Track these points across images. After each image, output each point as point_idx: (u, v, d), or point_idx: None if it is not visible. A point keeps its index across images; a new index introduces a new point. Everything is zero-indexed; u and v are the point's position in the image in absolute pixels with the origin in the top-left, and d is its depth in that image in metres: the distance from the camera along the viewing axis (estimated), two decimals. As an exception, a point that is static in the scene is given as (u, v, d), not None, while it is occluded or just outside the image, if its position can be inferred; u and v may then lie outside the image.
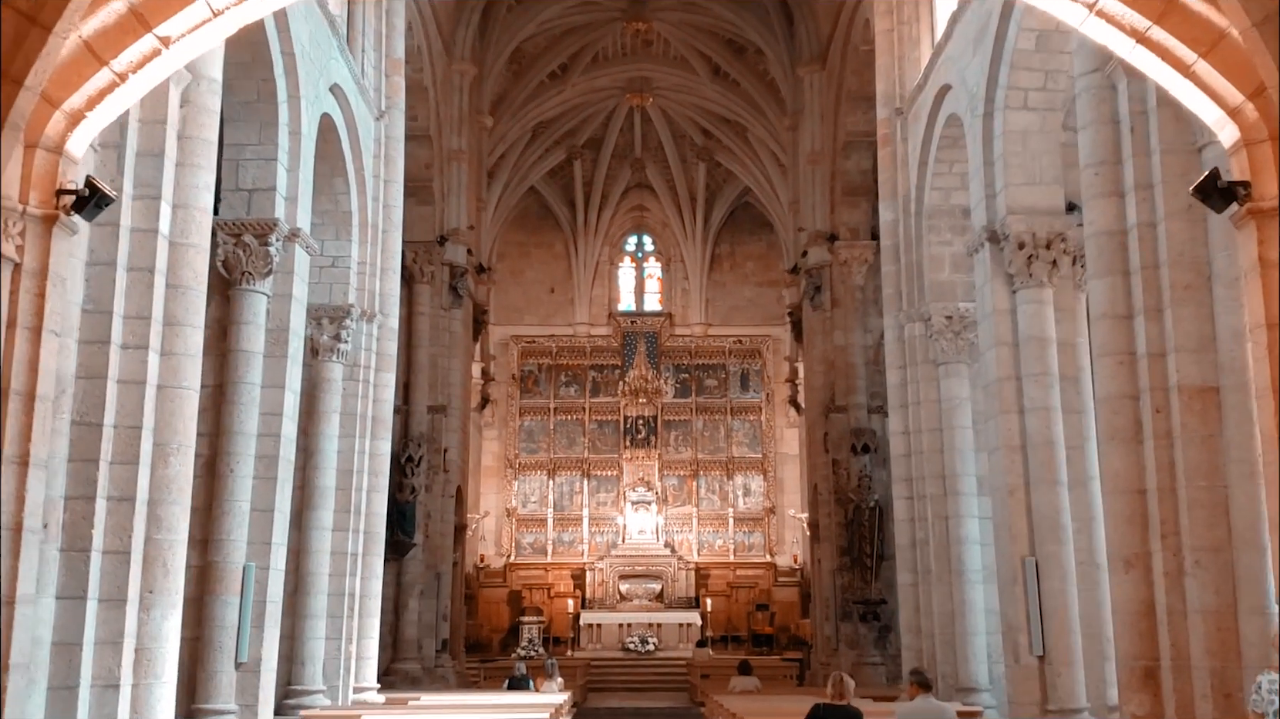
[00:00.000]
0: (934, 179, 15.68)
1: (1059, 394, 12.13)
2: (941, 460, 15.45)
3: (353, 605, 15.26)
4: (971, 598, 14.99)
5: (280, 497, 12.20)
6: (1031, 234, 12.27)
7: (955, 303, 15.57)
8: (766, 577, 33.92)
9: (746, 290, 36.48)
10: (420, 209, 22.81)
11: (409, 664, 21.55)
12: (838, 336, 22.86)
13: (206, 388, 12.13)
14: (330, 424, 15.30)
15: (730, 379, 35.47)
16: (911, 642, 15.68)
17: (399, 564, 21.76)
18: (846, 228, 22.98)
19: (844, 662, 21.92)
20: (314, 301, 15.45)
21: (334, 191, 15.53)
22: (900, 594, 15.96)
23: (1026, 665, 11.92)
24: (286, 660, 14.66)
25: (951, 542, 15.19)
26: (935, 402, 15.63)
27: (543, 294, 36.54)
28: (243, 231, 12.14)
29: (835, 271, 23.01)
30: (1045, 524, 11.93)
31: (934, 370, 15.73)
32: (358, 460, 15.49)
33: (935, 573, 15.29)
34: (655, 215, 36.63)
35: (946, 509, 15.30)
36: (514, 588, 33.66)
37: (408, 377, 22.42)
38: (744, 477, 34.90)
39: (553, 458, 34.92)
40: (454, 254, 23.31)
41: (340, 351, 15.45)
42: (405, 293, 22.49)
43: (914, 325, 15.94)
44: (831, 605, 22.38)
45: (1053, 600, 11.79)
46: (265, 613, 11.93)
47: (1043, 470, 11.99)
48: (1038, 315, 12.25)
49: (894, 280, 16.37)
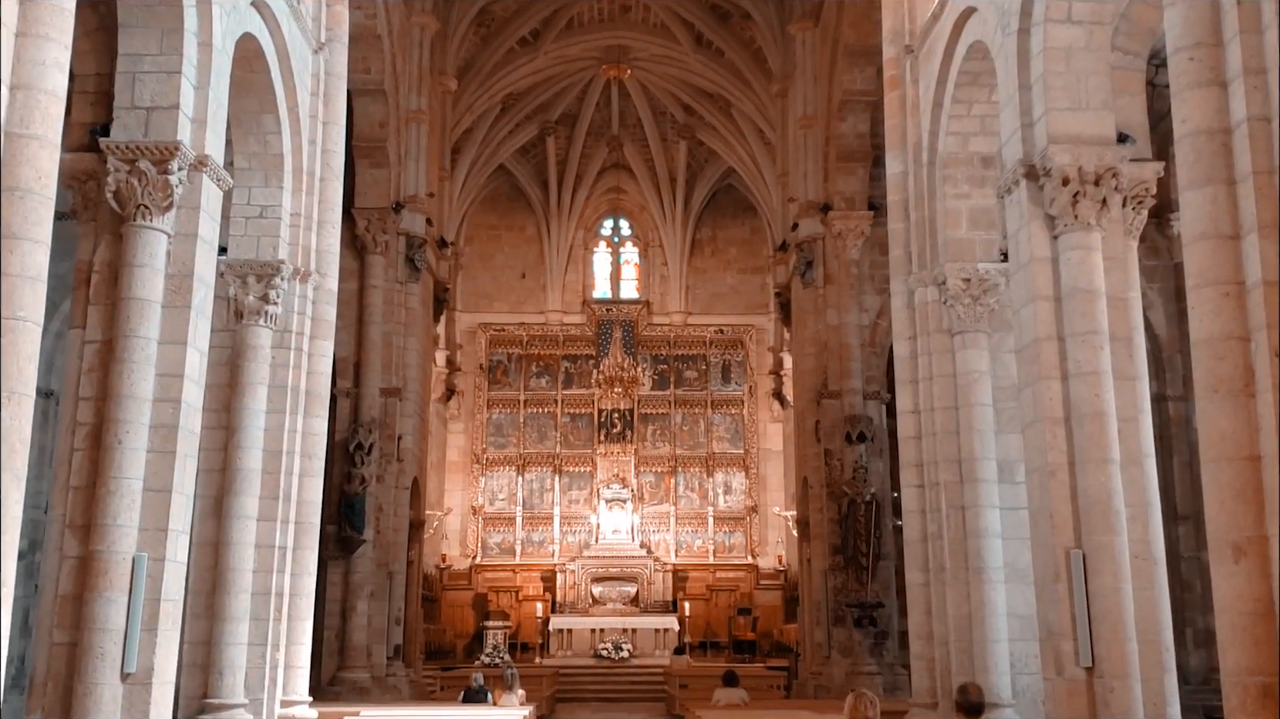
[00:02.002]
0: (949, 123, 13.79)
1: (1109, 356, 10.22)
2: (957, 443, 13.53)
3: (281, 606, 13.22)
4: (992, 599, 13.07)
5: (181, 474, 10.15)
6: (1078, 168, 10.36)
7: (974, 263, 13.69)
8: (748, 579, 32.10)
9: (729, 277, 34.62)
10: (374, 172, 20.86)
11: (357, 673, 19.54)
12: (831, 315, 20.98)
13: (93, 343, 10.18)
14: (256, 398, 13.26)
15: (711, 371, 33.63)
16: (922, 649, 13.72)
17: (347, 562, 19.81)
18: (842, 197, 21.09)
19: (836, 670, 20.01)
20: (238, 256, 13.51)
21: (262, 131, 13.52)
22: (909, 595, 14.01)
23: (1072, 679, 9.98)
24: (201, 670, 12.70)
25: (969, 535, 13.27)
26: (950, 376, 13.71)
27: (513, 280, 34.58)
28: (138, 157, 10.11)
29: (829, 245, 21.12)
30: (1094, 510, 10.00)
31: (948, 341, 13.81)
32: (288, 440, 13.45)
33: (950, 571, 13.36)
34: (633, 198, 34.71)
35: (963, 498, 13.38)
36: (480, 591, 31.74)
37: (358, 355, 20.48)
38: (725, 473, 33.10)
39: (522, 453, 33.01)
40: (411, 223, 21.31)
41: (268, 315, 13.42)
42: (357, 265, 20.63)
43: (926, 290, 14.02)
44: (823, 609, 20.49)
45: (1103, 601, 9.86)
46: (160, 614, 9.87)
47: (1091, 446, 10.06)
48: (1084, 263, 10.34)
49: (902, 240, 14.45)
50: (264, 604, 13.08)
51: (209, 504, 13.06)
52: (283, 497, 13.35)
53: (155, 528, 9.95)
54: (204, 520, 13.06)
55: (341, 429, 20.18)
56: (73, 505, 9.75)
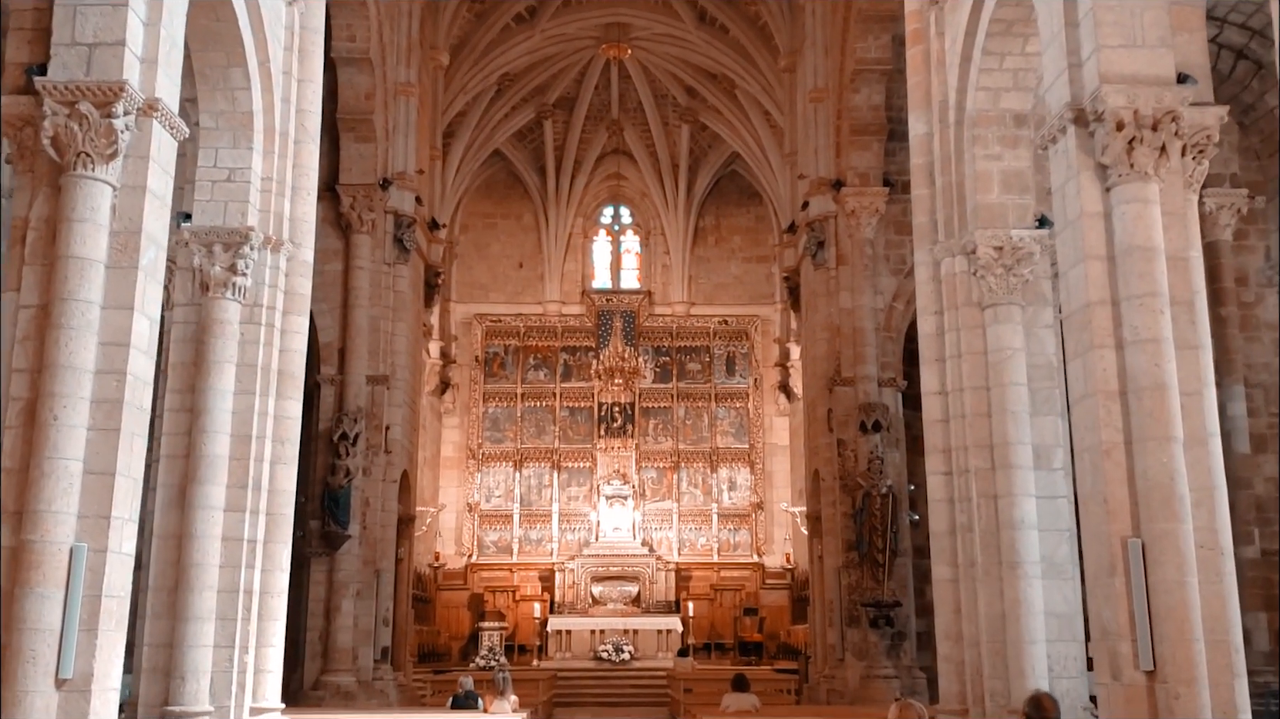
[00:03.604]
0: (979, 78, 12.64)
1: (1170, 322, 9.09)
2: (988, 426, 12.37)
3: (250, 605, 12.06)
4: (1028, 596, 11.92)
5: (126, 455, 9.00)
6: (1133, 111, 9.22)
7: (1006, 230, 12.53)
8: (754, 578, 30.99)
9: (733, 267, 33.49)
10: (360, 147, 19.73)
11: (342, 677, 18.40)
12: (844, 298, 19.81)
13: (29, 308, 9.05)
14: (223, 377, 12.13)
15: (714, 363, 32.51)
16: (950, 651, 12.55)
17: (331, 559, 18.69)
18: (855, 173, 19.93)
19: (850, 674, 18.89)
20: (203, 224, 12.38)
21: (230, 87, 12.38)
22: (935, 593, 12.83)
23: (1130, 683, 8.84)
24: (162, 674, 11.61)
25: (1002, 526, 12.12)
26: (980, 354, 12.55)
27: (510, 269, 33.45)
28: (78, 98, 8.99)
29: (841, 223, 19.96)
30: (1155, 495, 8.87)
31: (978, 315, 12.65)
32: (258, 424, 12.30)
33: (981, 565, 12.20)
34: (633, 184, 33.55)
35: (995, 486, 12.23)
36: (475, 591, 30.65)
37: (343, 341, 19.34)
38: (729, 469, 31.99)
39: (520, 448, 31.92)
40: (400, 201, 20.13)
41: (237, 287, 12.29)
42: (342, 245, 19.57)
43: (953, 260, 12.86)
44: (836, 609, 19.33)
45: (1166, 597, 8.73)
46: (101, 612, 8.74)
47: (1151, 423, 8.92)
48: (1142, 218, 9.20)
49: (927, 206, 13.28)
50: (231, 603, 11.95)
51: (172, 493, 11.98)
52: (252, 485, 12.20)
53: (97, 515, 8.82)
54: (166, 511, 11.98)
55: (325, 419, 19.04)
56: (5, 489, 8.62)
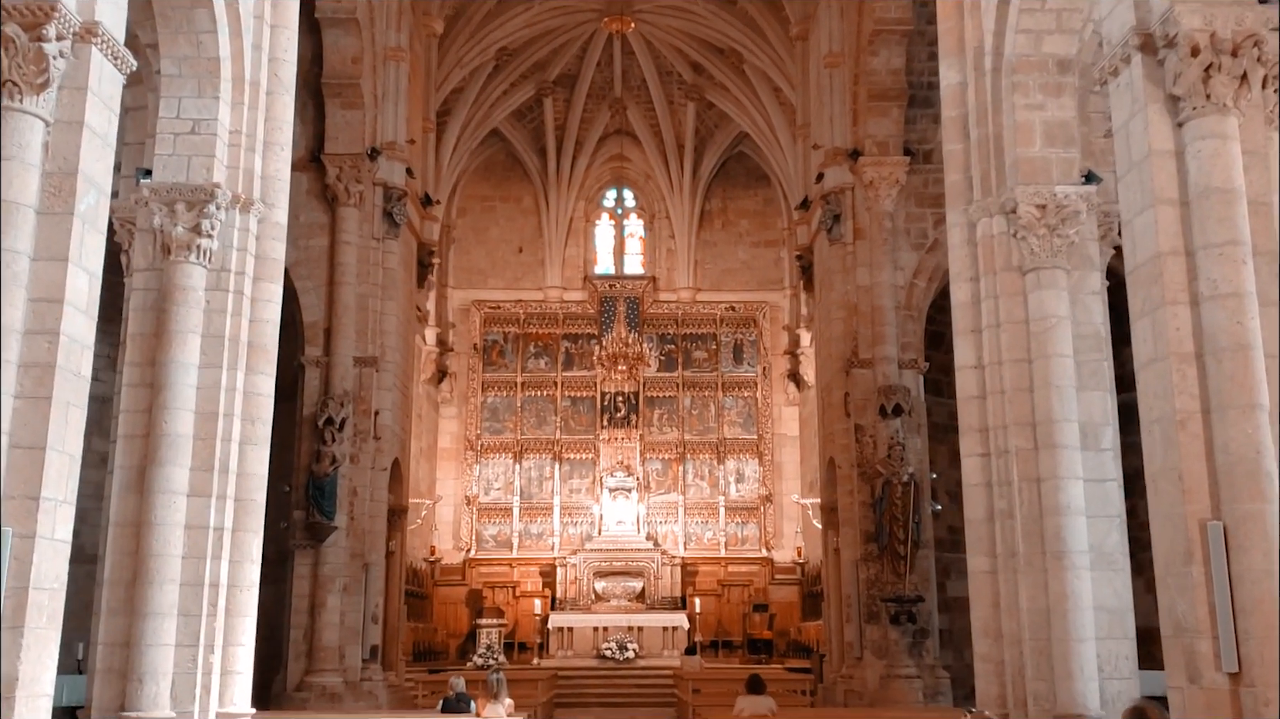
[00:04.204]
0: (1019, 20, 11.49)
1: (1253, 274, 7.94)
2: (1030, 402, 11.24)
3: (216, 599, 10.97)
4: (1075, 589, 10.80)
5: (60, 428, 7.88)
6: (1210, 34, 8.07)
7: (1050, 186, 11.40)
8: (762, 574, 29.83)
9: (740, 251, 32.27)
10: (346, 114, 18.61)
11: (327, 677, 17.29)
12: (862, 275, 18.66)
13: (-51, 260, 7.94)
14: (186, 349, 11.04)
15: (722, 351, 31.31)
16: (989, 650, 11.39)
17: (316, 552, 17.60)
18: (873, 141, 18.76)
19: (869, 673, 17.75)
20: (165, 180, 11.29)
21: (194, 30, 11.28)
22: (972, 586, 11.68)
23: (1211, 687, 7.70)
24: (119, 676, 10.60)
25: (1046, 513, 10.99)
26: (1021, 323, 11.40)
27: (509, 254, 32.26)
28: (3, 18, 7.86)
29: (859, 195, 18.80)
30: (1238, 471, 7.72)
31: (1019, 280, 11.50)
32: (225, 400, 11.19)
33: (1023, 556, 11.06)
34: (637, 166, 32.36)
35: (1038, 468, 11.10)
36: (474, 586, 29.51)
37: (329, 321, 18.24)
38: (737, 461, 30.79)
39: (519, 439, 30.72)
40: (389, 173, 18.98)
41: (202, 250, 11.19)
42: (328, 218, 18.50)
43: (990, 221, 11.70)
44: (854, 604, 18.17)
45: (1253, 588, 7.58)
46: (29, 606, 7.62)
47: (1233, 389, 7.78)
48: (1220, 156, 8.05)
49: (961, 163, 12.12)
50: (195, 597, 10.87)
51: (130, 476, 10.92)
52: (219, 468, 11.10)
53: (24, 496, 7.70)
54: (123, 495, 10.91)
55: (310, 403, 17.92)
56: (-86, 468, 7.52)
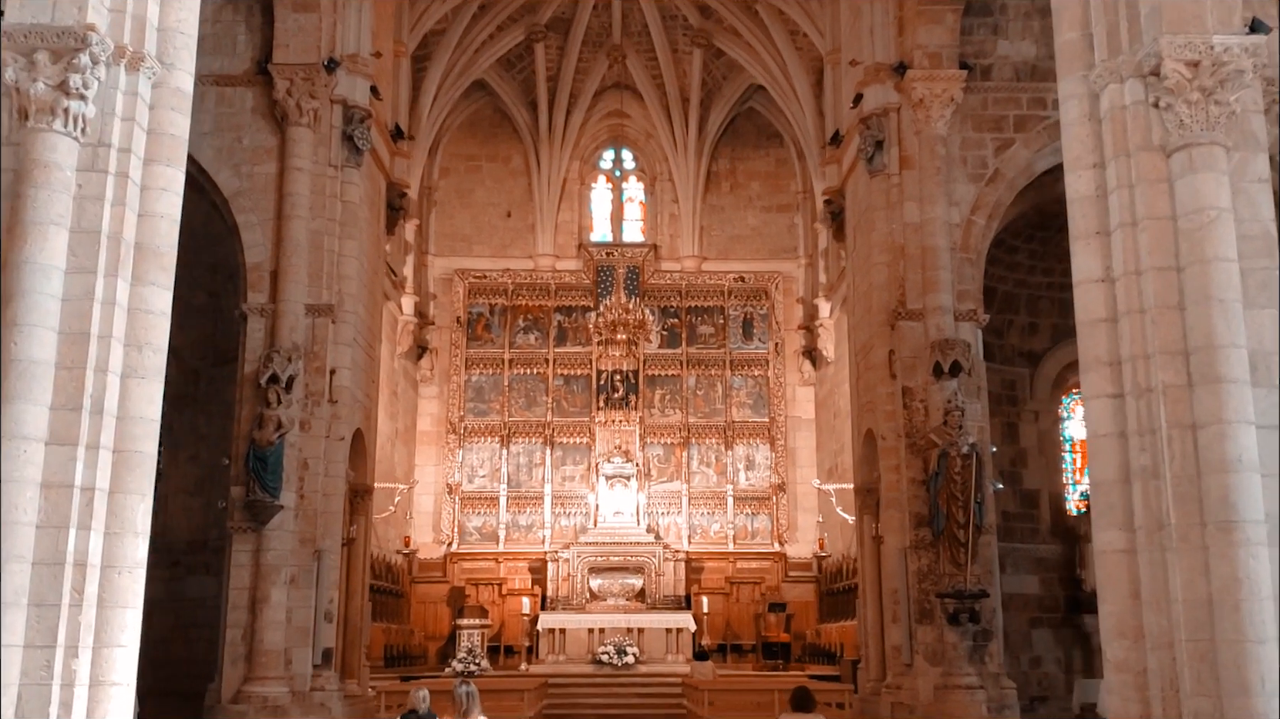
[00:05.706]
0: None
1: None
2: (1182, 324, 8.41)
3: (83, 584, 8.06)
4: (1250, 572, 7.98)
5: None
6: None
7: (1205, 36, 8.57)
8: (775, 570, 27.03)
9: (750, 217, 29.41)
10: (299, 18, 15.82)
11: (270, 686, 14.40)
12: (910, 210, 15.79)
13: None
14: (47, 246, 8.16)
15: (730, 325, 28.46)
16: (1126, 655, 8.51)
17: (258, 536, 14.78)
18: (924, 53, 15.87)
19: (922, 683, 14.91)
20: (22, 21, 8.45)
21: None
22: (1100, 571, 8.79)
23: None
24: (-58, 690, 7.62)
25: (1205, 470, 8.16)
26: (1167, 218, 8.57)
27: (496, 219, 29.35)
28: None
29: (906, 117, 15.94)
30: None
31: (1162, 164, 8.67)
32: (102, 318, 8.30)
33: (1175, 528, 8.22)
34: (637, 123, 29.48)
35: (1193, 412, 8.27)
36: (456, 583, 26.71)
37: (276, 262, 15.38)
38: (746, 446, 27.95)
39: (507, 421, 27.83)
40: (350, 88, 16.10)
41: (71, 115, 8.31)
42: (276, 140, 15.77)
43: (1121, 89, 8.86)
44: (902, 601, 15.26)
45: None
46: None
47: None
48: None
49: (1078, 17, 9.25)
50: (54, 581, 7.96)
51: (-36, 417, 7.98)
52: (91, 407, 8.20)
53: None
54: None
55: (252, 360, 15.01)
56: None
